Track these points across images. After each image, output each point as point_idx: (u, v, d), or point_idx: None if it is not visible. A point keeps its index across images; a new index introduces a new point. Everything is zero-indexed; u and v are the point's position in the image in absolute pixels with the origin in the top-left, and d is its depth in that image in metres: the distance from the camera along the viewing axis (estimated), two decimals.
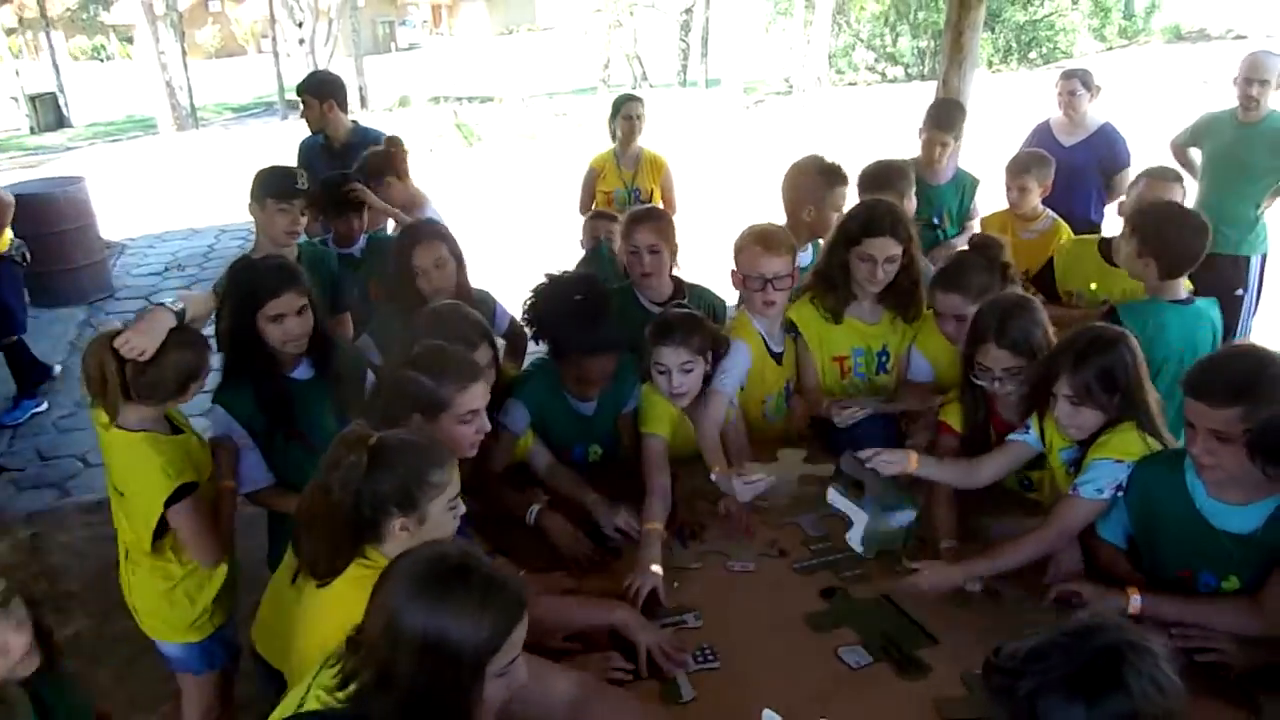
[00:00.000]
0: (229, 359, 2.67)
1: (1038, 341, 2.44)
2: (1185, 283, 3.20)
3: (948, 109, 4.57)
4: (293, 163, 4.29)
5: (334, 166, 4.45)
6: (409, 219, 3.87)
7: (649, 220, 3.24)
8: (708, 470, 2.59)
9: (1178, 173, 3.37)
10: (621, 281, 3.37)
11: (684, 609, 2.26)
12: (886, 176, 3.59)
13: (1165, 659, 1.27)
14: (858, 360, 3.04)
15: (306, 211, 3.36)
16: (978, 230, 4.17)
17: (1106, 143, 4.81)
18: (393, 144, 4.19)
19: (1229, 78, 4.54)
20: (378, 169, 4.09)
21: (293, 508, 2.00)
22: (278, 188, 3.31)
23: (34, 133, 18.84)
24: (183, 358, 2.33)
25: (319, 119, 4.69)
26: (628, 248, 3.25)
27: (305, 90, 4.72)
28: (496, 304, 3.46)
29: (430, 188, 4.53)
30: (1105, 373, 2.18)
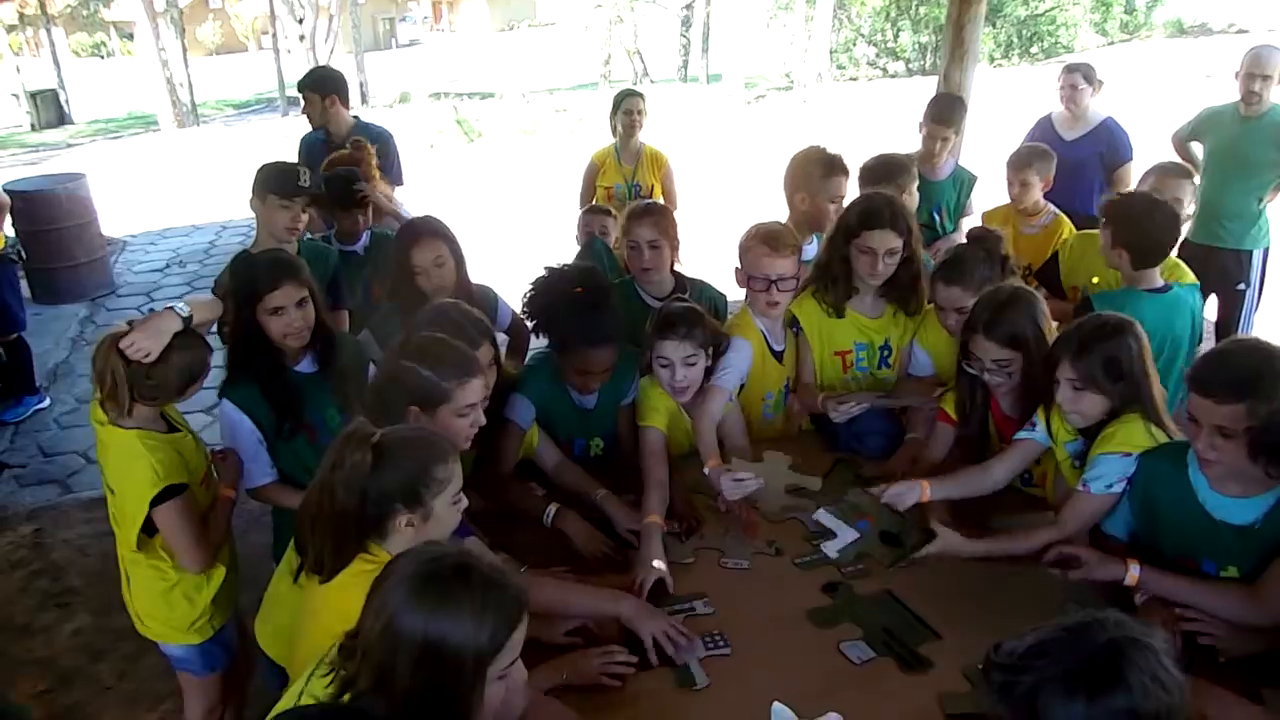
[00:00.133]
0: (233, 354, 2.66)
1: (1029, 335, 2.44)
2: (1188, 274, 3.21)
3: (948, 104, 4.56)
4: (294, 159, 4.28)
5: None
6: (407, 218, 3.85)
7: (649, 215, 3.23)
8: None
9: (1188, 169, 3.36)
10: (617, 275, 3.36)
11: (693, 595, 2.27)
12: (886, 170, 3.58)
13: (1166, 654, 1.27)
14: (860, 355, 3.03)
15: (308, 209, 3.36)
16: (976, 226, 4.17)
17: (1108, 137, 4.80)
18: (357, 147, 4.14)
19: (1231, 72, 4.53)
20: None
21: (296, 504, 1.98)
22: (280, 184, 3.30)
23: (35, 129, 18.86)
24: (185, 360, 2.34)
25: (321, 115, 4.68)
26: (628, 243, 3.25)
27: (307, 86, 4.71)
28: (498, 299, 3.45)
29: (431, 184, 4.53)
30: (1110, 360, 2.18)
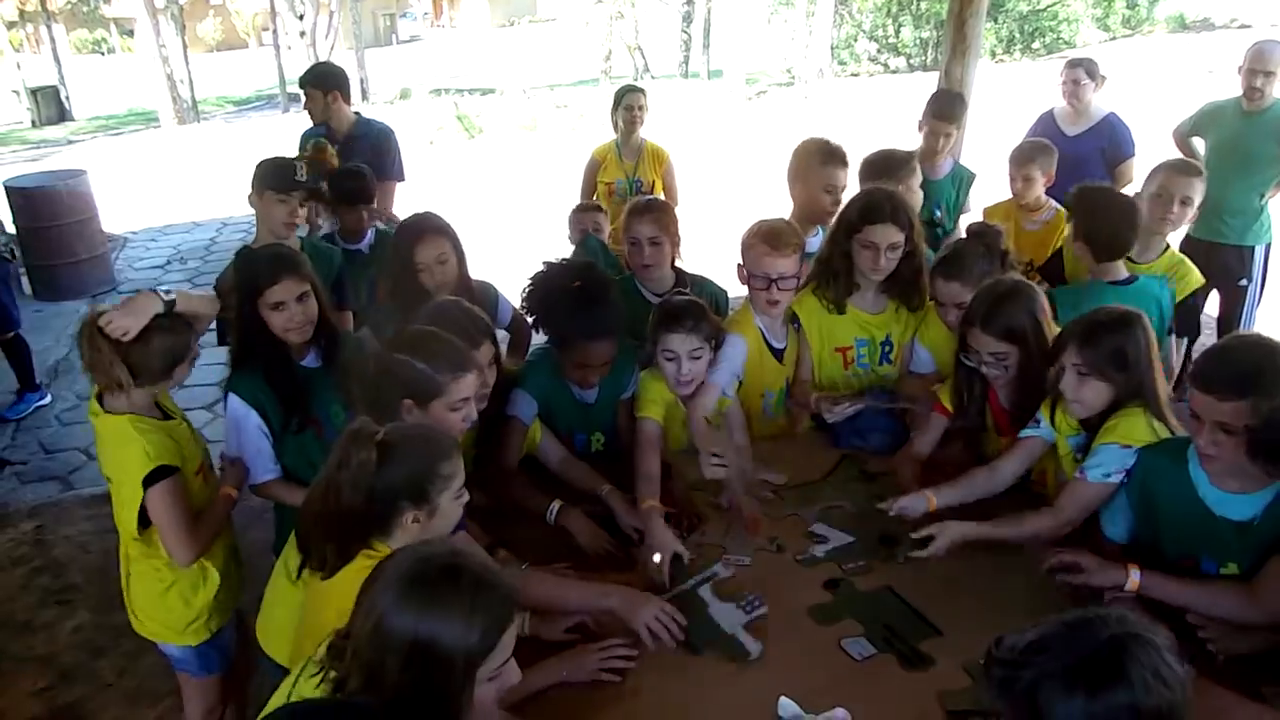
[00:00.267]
0: (238, 349, 2.66)
1: (1027, 328, 2.44)
2: (1194, 272, 3.19)
3: (949, 100, 4.54)
4: (294, 155, 4.27)
5: (336, 158, 4.45)
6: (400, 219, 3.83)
7: (649, 212, 3.23)
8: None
9: (1198, 166, 3.33)
10: (617, 272, 3.35)
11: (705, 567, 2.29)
12: (886, 165, 3.56)
13: (1168, 650, 1.26)
14: (860, 351, 3.02)
15: (306, 203, 3.36)
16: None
17: (1110, 132, 4.78)
18: (318, 149, 4.13)
19: (1233, 67, 4.52)
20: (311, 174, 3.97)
21: (299, 501, 1.97)
22: (276, 179, 3.33)
23: (35, 126, 18.89)
24: (166, 342, 2.33)
25: (323, 111, 4.66)
26: (628, 239, 3.25)
27: (309, 82, 4.69)
28: (499, 295, 3.44)
29: (432, 180, 4.52)
30: (1118, 350, 2.18)
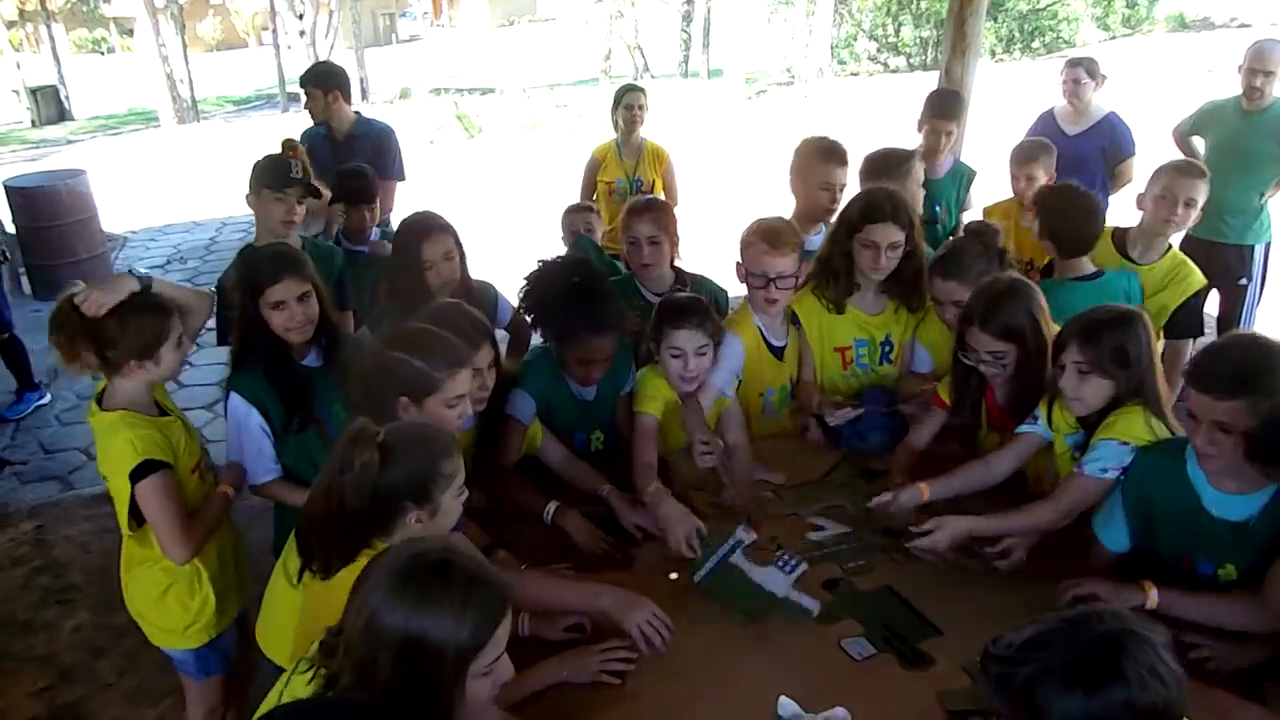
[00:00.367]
0: (239, 347, 2.66)
1: (1025, 327, 2.44)
2: (1196, 272, 3.23)
3: (948, 98, 4.53)
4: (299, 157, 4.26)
5: (336, 158, 4.45)
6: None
7: (648, 211, 3.23)
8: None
9: (1202, 168, 3.33)
10: (613, 272, 3.35)
11: (727, 533, 2.30)
12: (887, 164, 3.55)
13: (1165, 647, 1.26)
14: (860, 351, 3.02)
15: (303, 200, 3.36)
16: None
17: (1111, 132, 4.78)
18: (288, 146, 4.09)
19: (1233, 66, 4.52)
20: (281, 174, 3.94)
21: (300, 501, 1.96)
22: (273, 177, 3.32)
23: (35, 126, 18.90)
24: (139, 318, 2.30)
25: (324, 110, 4.65)
26: (627, 238, 3.24)
27: (310, 81, 4.68)
28: (498, 295, 3.44)
29: (431, 179, 4.51)
30: (1119, 347, 2.19)
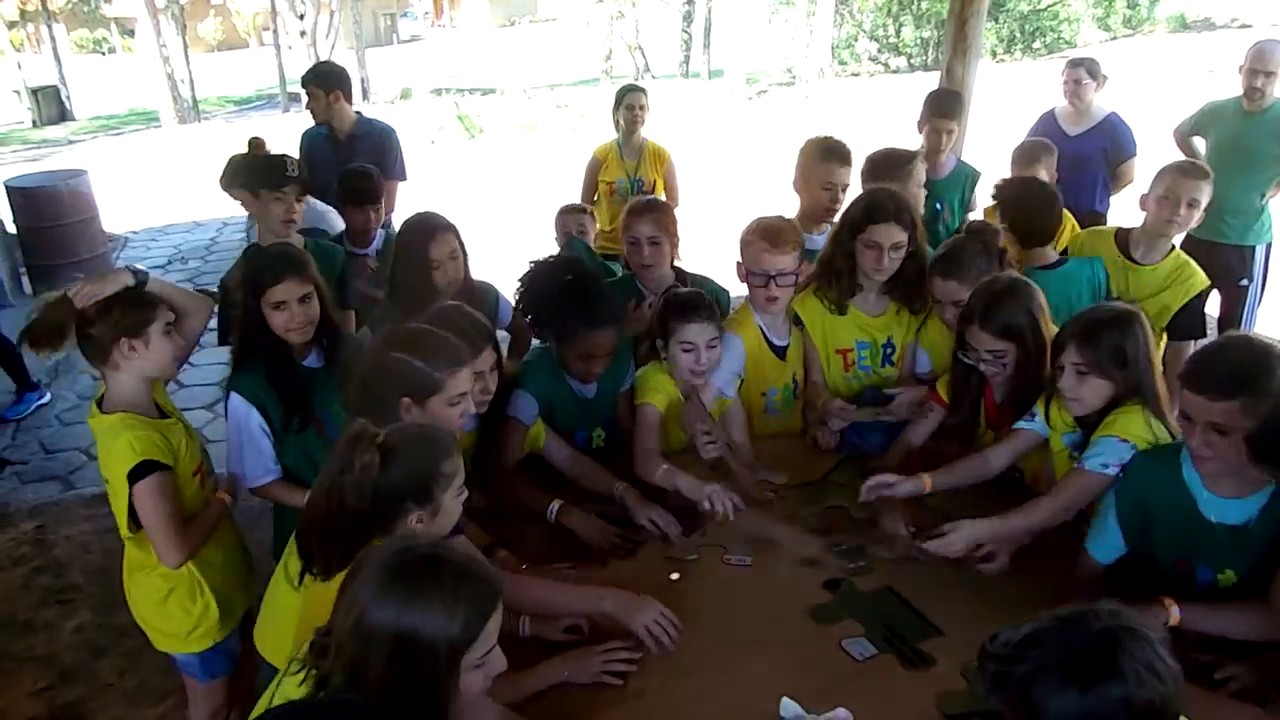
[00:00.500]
0: (240, 346, 2.65)
1: (1025, 326, 2.44)
2: (1199, 273, 3.24)
3: (946, 97, 4.52)
4: (295, 155, 4.26)
5: (338, 158, 4.46)
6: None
7: (649, 211, 3.23)
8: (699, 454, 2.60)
9: (1205, 169, 3.33)
10: (607, 274, 3.36)
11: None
12: (888, 163, 3.54)
13: (1161, 644, 1.26)
14: (862, 353, 3.01)
15: (301, 198, 3.36)
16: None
17: (1112, 132, 4.78)
18: (256, 145, 4.07)
19: (1234, 67, 4.52)
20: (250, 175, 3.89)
21: (300, 502, 1.95)
22: (269, 177, 3.33)
23: (36, 126, 18.92)
24: (126, 314, 2.29)
25: (325, 110, 4.65)
26: (628, 239, 3.24)
27: (311, 81, 4.68)
28: (499, 296, 3.43)
29: (432, 180, 4.50)
30: (1117, 347, 2.18)
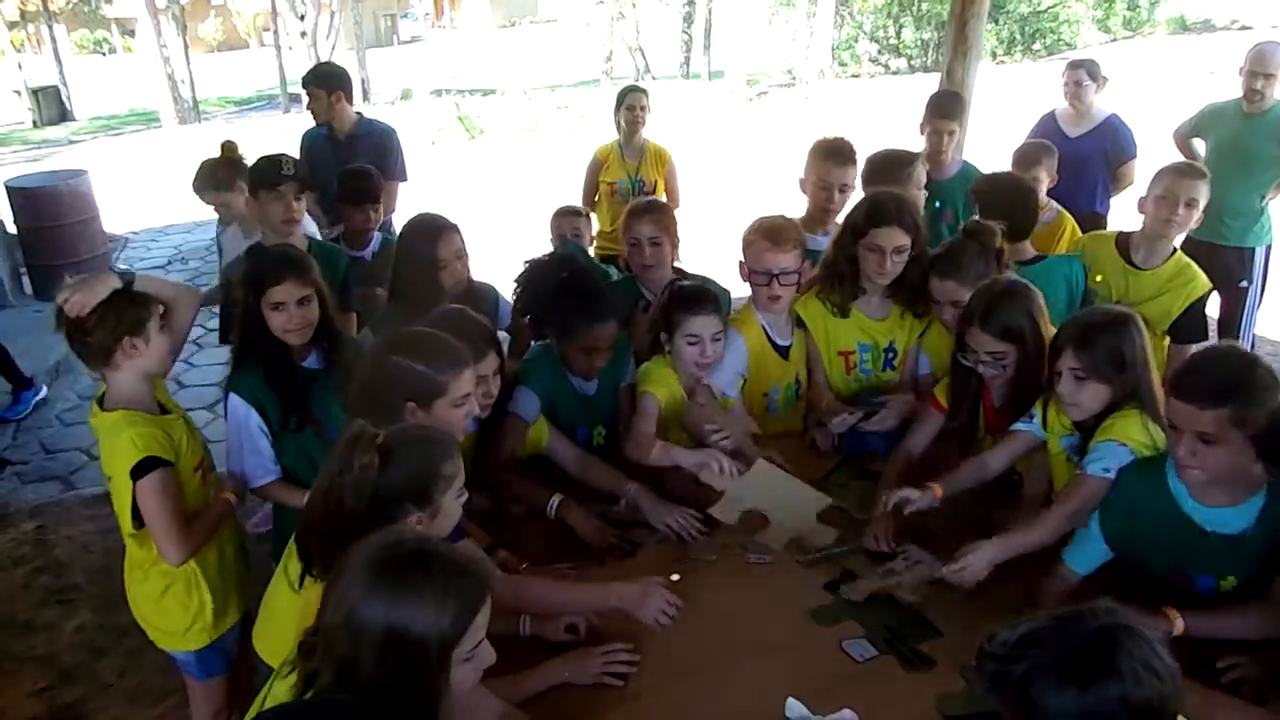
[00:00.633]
0: (240, 345, 2.65)
1: (1025, 328, 2.44)
2: (1200, 276, 3.23)
3: (948, 98, 4.52)
4: (295, 155, 4.26)
5: (339, 158, 4.46)
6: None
7: (649, 212, 3.23)
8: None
9: (1203, 169, 3.33)
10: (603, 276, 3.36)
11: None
12: (889, 165, 3.55)
13: (1159, 642, 1.26)
14: (863, 356, 3.01)
15: (300, 197, 3.36)
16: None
17: (1112, 134, 4.79)
18: (229, 149, 4.02)
19: (1234, 69, 4.53)
20: (227, 177, 3.90)
21: (300, 502, 1.95)
22: (266, 177, 3.31)
23: (37, 126, 18.90)
24: (123, 315, 2.30)
25: (326, 111, 4.65)
26: (628, 240, 3.25)
27: (312, 82, 4.67)
28: (499, 296, 3.43)
29: (433, 180, 4.50)
30: (1114, 350, 2.18)
